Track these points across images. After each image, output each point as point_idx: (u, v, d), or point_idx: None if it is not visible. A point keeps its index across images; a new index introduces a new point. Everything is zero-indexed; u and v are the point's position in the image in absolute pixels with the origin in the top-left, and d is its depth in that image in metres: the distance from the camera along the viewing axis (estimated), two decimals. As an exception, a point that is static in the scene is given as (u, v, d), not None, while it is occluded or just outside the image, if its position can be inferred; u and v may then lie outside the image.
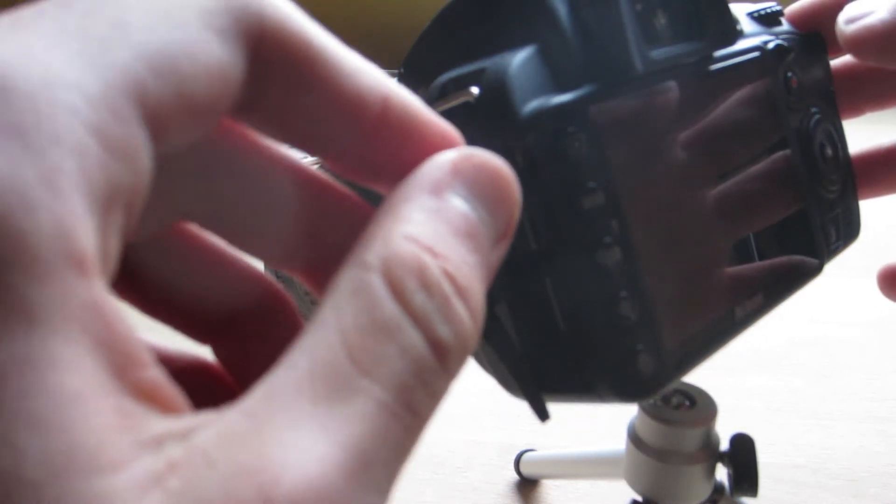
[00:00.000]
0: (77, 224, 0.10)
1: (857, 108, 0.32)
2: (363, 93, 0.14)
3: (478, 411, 0.93)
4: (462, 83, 0.19)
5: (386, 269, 0.12)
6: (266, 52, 0.13)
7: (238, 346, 0.17)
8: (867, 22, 0.26)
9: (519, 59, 0.19)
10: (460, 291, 0.12)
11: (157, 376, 0.11)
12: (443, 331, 0.12)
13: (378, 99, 0.14)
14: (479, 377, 0.22)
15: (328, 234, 0.16)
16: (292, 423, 0.11)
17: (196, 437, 0.11)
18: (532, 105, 0.18)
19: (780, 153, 0.25)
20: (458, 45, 0.21)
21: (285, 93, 0.13)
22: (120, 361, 0.10)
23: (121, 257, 0.12)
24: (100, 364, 0.10)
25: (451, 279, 0.12)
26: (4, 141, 0.10)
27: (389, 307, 0.12)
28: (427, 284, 0.12)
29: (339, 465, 0.11)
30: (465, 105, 0.18)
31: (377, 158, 0.15)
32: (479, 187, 0.14)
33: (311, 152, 0.15)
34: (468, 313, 0.13)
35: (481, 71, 0.19)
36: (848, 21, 0.27)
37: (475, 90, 0.18)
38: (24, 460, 0.09)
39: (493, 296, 0.19)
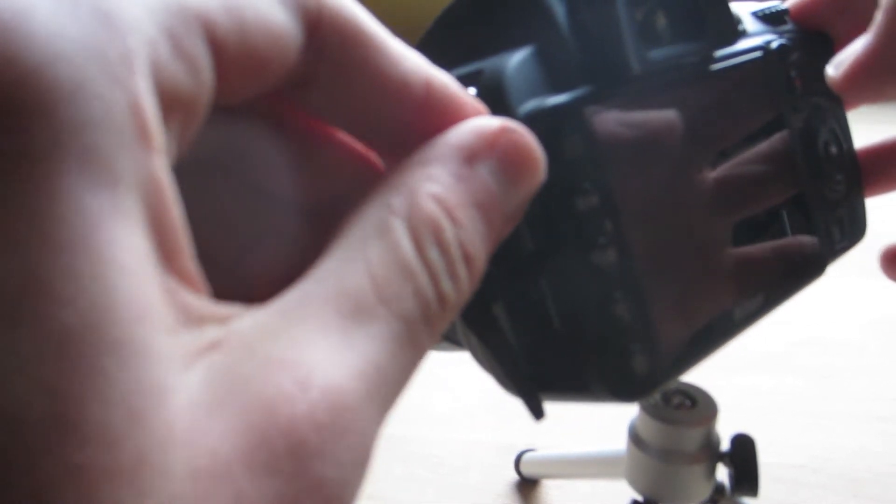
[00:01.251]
0: (145, 105, 0.10)
1: None
2: (408, 76, 0.15)
3: (478, 411, 0.93)
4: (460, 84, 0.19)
5: (411, 219, 0.13)
6: (321, 31, 0.13)
7: None
8: (852, 56, 0.26)
9: (516, 60, 0.19)
10: (466, 258, 0.14)
11: (193, 267, 0.12)
12: (447, 286, 0.13)
13: (421, 82, 0.15)
14: (479, 377, 0.22)
15: (336, 183, 0.17)
16: (321, 330, 0.12)
17: (233, 324, 0.11)
18: (528, 106, 0.18)
19: (779, 140, 0.25)
20: (458, 46, 0.21)
21: (335, 74, 0.14)
22: (167, 242, 0.11)
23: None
24: (151, 238, 0.11)
25: (462, 246, 0.14)
26: (92, 18, 0.10)
27: (410, 252, 0.13)
28: (441, 243, 0.13)
29: (361, 375, 0.12)
30: None
31: (419, 141, 0.15)
32: (510, 166, 0.15)
33: (356, 135, 0.16)
34: (468, 277, 0.14)
35: (478, 72, 0.19)
36: (836, 66, 0.26)
37: (472, 91, 0.18)
38: (116, 301, 0.10)
39: (489, 295, 0.19)
